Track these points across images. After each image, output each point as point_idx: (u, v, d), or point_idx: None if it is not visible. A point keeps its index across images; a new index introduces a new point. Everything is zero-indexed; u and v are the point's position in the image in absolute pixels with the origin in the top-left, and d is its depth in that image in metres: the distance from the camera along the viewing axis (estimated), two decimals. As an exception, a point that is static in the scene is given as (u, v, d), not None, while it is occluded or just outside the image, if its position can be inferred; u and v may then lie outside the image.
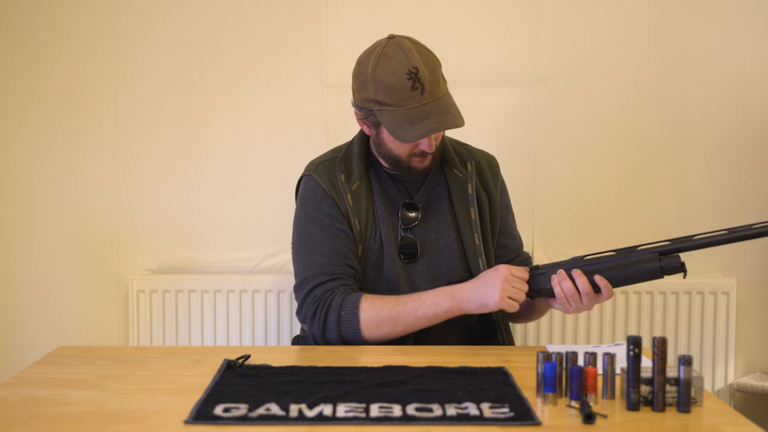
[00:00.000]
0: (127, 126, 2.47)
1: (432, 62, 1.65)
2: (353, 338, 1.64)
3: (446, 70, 1.73)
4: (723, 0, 2.41)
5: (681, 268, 1.51)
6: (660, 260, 1.51)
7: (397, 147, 1.69)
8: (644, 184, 2.45)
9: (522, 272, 1.59)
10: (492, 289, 1.56)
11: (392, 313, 1.61)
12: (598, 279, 1.54)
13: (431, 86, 1.62)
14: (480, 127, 2.39)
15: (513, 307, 1.56)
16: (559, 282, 1.56)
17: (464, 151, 1.83)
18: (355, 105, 1.71)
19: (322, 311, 1.64)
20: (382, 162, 1.77)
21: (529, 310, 1.80)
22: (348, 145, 1.81)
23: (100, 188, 2.48)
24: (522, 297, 1.57)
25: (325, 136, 2.43)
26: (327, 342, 1.66)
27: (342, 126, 2.40)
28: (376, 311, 1.62)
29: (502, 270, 1.57)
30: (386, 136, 1.69)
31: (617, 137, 2.44)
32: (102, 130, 2.47)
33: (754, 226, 1.45)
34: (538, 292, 1.60)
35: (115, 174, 2.48)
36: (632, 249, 1.54)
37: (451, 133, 1.88)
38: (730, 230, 1.46)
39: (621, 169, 2.45)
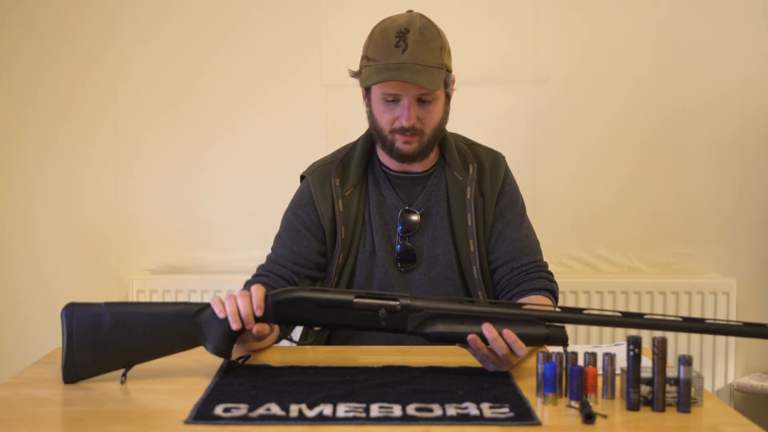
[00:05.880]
0: (127, 127, 2.47)
1: (432, 35, 1.63)
2: None
3: (446, 70, 1.72)
4: (723, 0, 2.41)
5: (564, 342, 1.32)
6: (547, 328, 1.33)
7: (380, 115, 1.67)
8: (644, 184, 2.45)
9: (259, 293, 1.36)
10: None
11: None
12: (488, 328, 1.31)
13: (416, 49, 1.60)
14: (480, 127, 2.39)
15: (229, 316, 1.34)
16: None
17: (469, 152, 1.78)
18: (355, 74, 1.73)
19: None
20: (382, 159, 1.75)
21: None
22: (351, 146, 1.79)
23: (101, 188, 2.48)
24: (244, 309, 1.34)
25: (325, 137, 2.43)
26: None
27: (342, 126, 2.40)
28: None
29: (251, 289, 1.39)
30: (373, 102, 1.69)
31: (617, 137, 2.44)
32: (102, 131, 2.47)
33: (707, 321, 1.29)
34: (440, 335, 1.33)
35: (115, 174, 2.48)
36: (577, 310, 1.35)
37: (457, 131, 1.86)
38: (685, 318, 1.31)
39: (621, 169, 2.45)
